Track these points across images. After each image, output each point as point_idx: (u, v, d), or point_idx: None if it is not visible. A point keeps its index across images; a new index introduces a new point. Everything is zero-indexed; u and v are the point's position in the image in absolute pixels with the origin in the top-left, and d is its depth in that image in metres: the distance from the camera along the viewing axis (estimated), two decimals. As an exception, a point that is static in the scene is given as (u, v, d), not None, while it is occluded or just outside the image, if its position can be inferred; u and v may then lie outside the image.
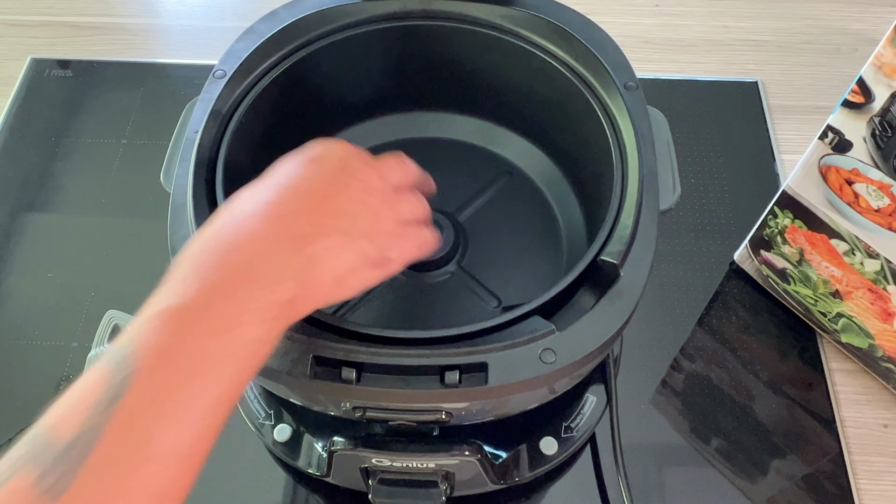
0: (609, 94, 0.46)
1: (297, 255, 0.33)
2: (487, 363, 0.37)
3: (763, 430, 0.58)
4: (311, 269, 0.33)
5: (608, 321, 0.39)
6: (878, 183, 0.48)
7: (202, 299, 0.31)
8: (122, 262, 0.65)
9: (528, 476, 0.50)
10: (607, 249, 0.41)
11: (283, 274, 0.32)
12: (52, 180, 0.70)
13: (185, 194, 0.43)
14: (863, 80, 0.45)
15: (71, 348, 0.60)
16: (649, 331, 0.62)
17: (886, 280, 0.52)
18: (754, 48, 0.79)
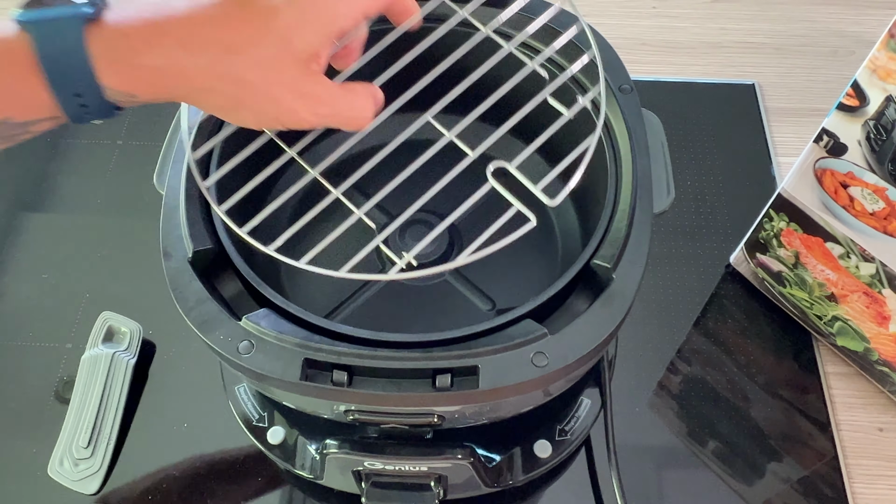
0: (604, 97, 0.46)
1: None
2: (479, 366, 0.37)
3: (758, 433, 0.58)
4: None
5: (600, 325, 0.39)
6: (872, 186, 0.48)
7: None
8: (117, 263, 0.65)
9: (521, 479, 0.50)
10: (600, 253, 0.41)
11: None
12: (47, 181, 0.70)
13: (178, 196, 0.43)
14: (857, 83, 0.45)
15: (65, 349, 0.60)
16: (645, 333, 0.62)
17: (881, 283, 0.52)
18: (751, 50, 0.78)
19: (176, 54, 0.32)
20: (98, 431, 0.54)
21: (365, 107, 0.37)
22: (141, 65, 0.32)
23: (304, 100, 0.35)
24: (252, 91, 0.33)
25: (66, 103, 0.33)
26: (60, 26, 0.31)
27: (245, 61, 0.33)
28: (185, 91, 0.34)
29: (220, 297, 0.40)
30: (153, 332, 0.60)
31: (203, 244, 0.41)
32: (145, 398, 0.58)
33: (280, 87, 0.34)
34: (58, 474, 0.53)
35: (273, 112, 0.35)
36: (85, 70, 0.32)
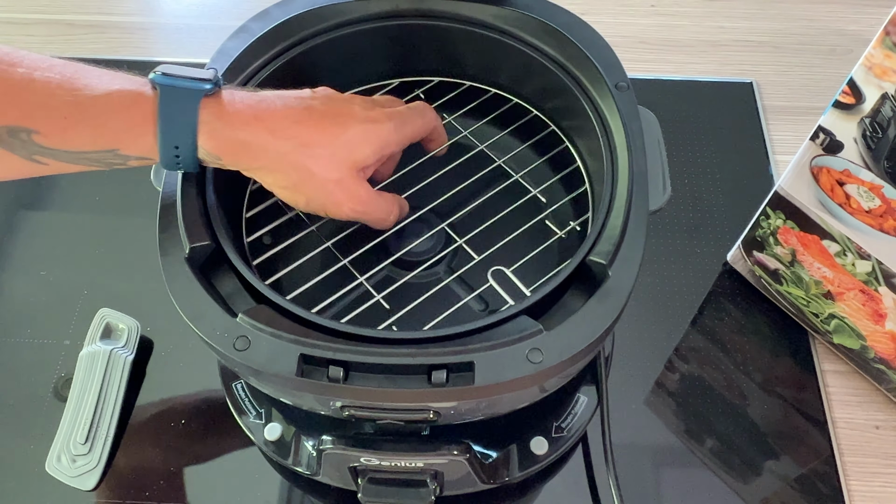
0: (600, 94, 0.46)
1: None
2: (474, 363, 0.37)
3: (755, 430, 0.58)
4: None
5: (596, 321, 0.39)
6: (868, 184, 0.48)
7: None
8: (115, 260, 0.65)
9: (518, 476, 0.50)
10: (596, 250, 0.41)
11: None
12: (45, 178, 0.69)
13: (175, 193, 0.43)
14: (853, 80, 0.45)
15: (63, 346, 0.60)
16: (642, 331, 0.62)
17: (878, 281, 0.52)
18: (749, 49, 0.78)
19: (264, 137, 0.40)
20: (96, 428, 0.54)
21: (392, 211, 0.46)
22: (234, 138, 0.40)
23: (350, 197, 0.43)
24: (312, 180, 0.42)
25: (165, 151, 0.39)
26: (184, 94, 0.39)
27: (314, 155, 0.41)
28: (260, 165, 0.41)
29: (216, 293, 0.40)
30: (151, 329, 0.61)
31: (200, 241, 0.41)
32: (143, 395, 0.58)
33: (334, 183, 0.42)
34: (55, 470, 0.53)
35: (322, 200, 0.43)
36: (190, 131, 0.39)
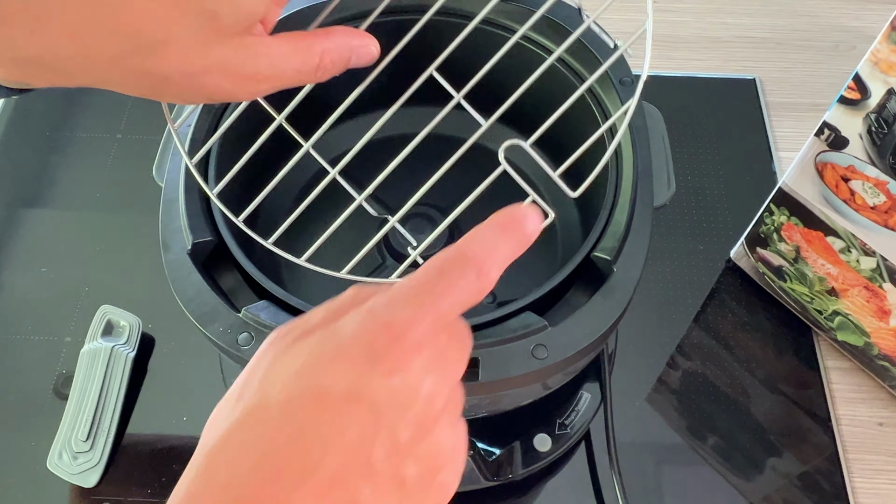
0: (604, 90, 0.46)
1: None
2: (479, 359, 0.37)
3: (758, 428, 0.58)
4: None
5: (601, 317, 0.39)
6: (874, 180, 0.48)
7: None
8: (116, 257, 0.65)
9: (521, 473, 0.50)
10: (601, 245, 0.41)
11: None
12: (46, 174, 0.70)
13: (177, 188, 0.42)
14: (859, 76, 0.45)
15: (64, 343, 0.60)
16: (645, 328, 0.62)
17: (882, 278, 0.51)
18: (752, 45, 0.78)
19: (63, 46, 0.26)
20: (97, 425, 0.54)
21: (310, 52, 0.31)
22: (23, 59, 0.27)
23: (240, 80, 0.29)
24: (171, 85, 0.28)
25: None
26: None
27: (161, 55, 0.27)
28: (83, 83, 0.29)
29: (219, 289, 0.40)
30: (152, 325, 0.60)
31: (202, 236, 0.41)
32: (144, 391, 0.58)
33: (207, 75, 0.28)
34: (57, 467, 0.53)
35: (202, 95, 0.30)
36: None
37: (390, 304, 0.26)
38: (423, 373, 0.25)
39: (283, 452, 0.24)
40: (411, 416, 0.25)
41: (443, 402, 0.26)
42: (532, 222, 0.29)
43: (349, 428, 0.24)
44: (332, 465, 0.24)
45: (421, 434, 0.25)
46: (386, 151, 0.40)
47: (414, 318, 0.25)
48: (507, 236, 0.28)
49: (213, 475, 0.24)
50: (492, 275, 0.27)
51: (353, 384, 0.24)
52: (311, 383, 0.24)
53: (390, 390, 0.25)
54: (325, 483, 0.23)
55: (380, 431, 0.24)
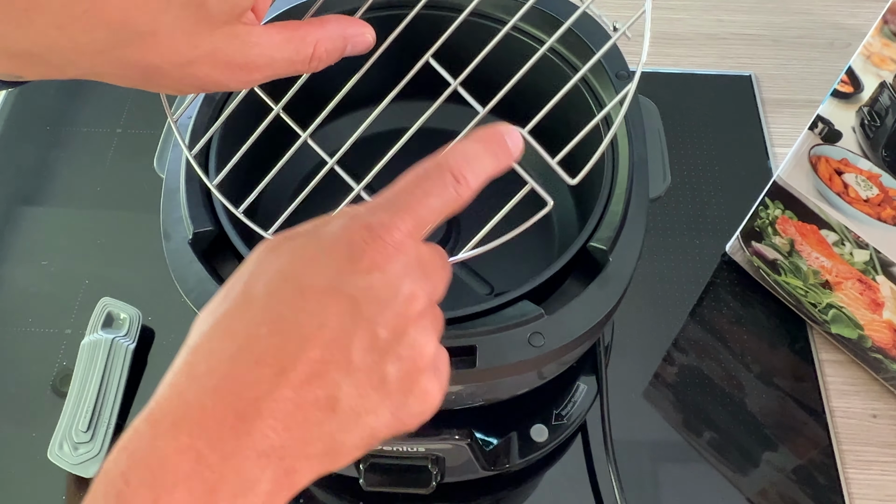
0: (600, 83, 0.47)
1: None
2: (476, 346, 0.37)
3: (753, 421, 0.58)
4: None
5: (597, 306, 0.39)
6: (867, 173, 0.48)
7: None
8: (117, 250, 0.65)
9: (518, 463, 0.50)
10: (597, 236, 0.41)
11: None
12: (47, 169, 0.70)
13: (178, 178, 0.43)
14: (852, 69, 0.46)
15: (65, 335, 0.61)
16: (641, 322, 0.62)
17: (875, 270, 0.52)
18: (748, 42, 0.79)
19: (51, 38, 0.26)
20: (98, 416, 0.55)
21: (304, 41, 0.31)
22: (12, 52, 0.26)
23: (231, 70, 0.29)
24: (162, 76, 0.28)
25: None
26: None
27: (149, 45, 0.27)
28: (74, 75, 0.28)
29: (219, 278, 0.41)
30: (152, 318, 0.61)
31: (203, 226, 0.41)
32: (144, 383, 0.58)
33: (197, 65, 0.28)
34: (57, 458, 0.53)
35: (194, 85, 0.29)
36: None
37: (371, 209, 0.27)
38: (403, 274, 0.26)
39: (262, 343, 0.24)
40: (390, 313, 0.25)
41: (421, 307, 0.27)
42: (512, 138, 0.30)
43: (329, 321, 0.25)
44: (310, 357, 0.24)
45: (400, 332, 0.26)
46: (385, 145, 0.40)
47: (393, 221, 0.26)
48: (486, 148, 0.29)
49: (194, 367, 0.25)
50: (470, 182, 0.28)
51: (333, 280, 0.25)
52: (293, 280, 0.25)
53: (369, 286, 0.25)
54: (304, 375, 0.24)
55: (358, 325, 0.25)
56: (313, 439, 0.24)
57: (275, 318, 0.25)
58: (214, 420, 0.23)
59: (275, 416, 0.24)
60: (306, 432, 0.24)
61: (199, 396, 0.24)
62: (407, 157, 0.42)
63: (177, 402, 0.24)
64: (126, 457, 0.23)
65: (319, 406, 0.24)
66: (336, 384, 0.24)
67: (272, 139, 0.43)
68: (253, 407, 0.24)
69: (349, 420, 0.25)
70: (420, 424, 0.27)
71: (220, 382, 0.24)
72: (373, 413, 0.25)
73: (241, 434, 0.23)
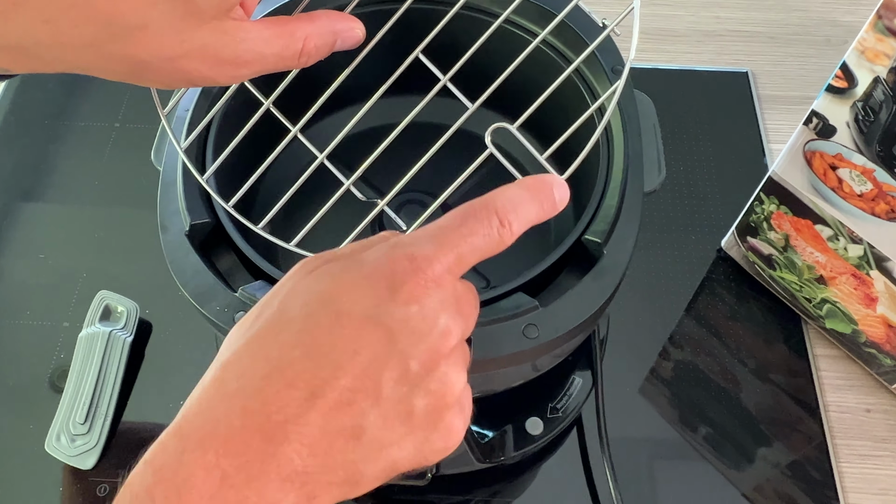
0: (596, 77, 0.47)
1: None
2: (471, 337, 0.37)
3: (748, 416, 0.58)
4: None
5: (591, 298, 0.39)
6: (861, 168, 0.49)
7: None
8: (115, 243, 0.65)
9: (513, 455, 0.51)
10: (592, 229, 0.42)
11: None
12: (45, 163, 0.70)
13: (175, 171, 0.43)
14: (846, 64, 0.46)
15: (62, 328, 0.61)
16: (637, 317, 0.63)
17: (869, 265, 0.52)
18: (745, 39, 0.79)
19: (39, 32, 0.26)
20: (95, 408, 0.55)
21: (293, 35, 0.31)
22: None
23: (220, 65, 0.29)
24: (150, 70, 0.28)
25: None
26: None
27: (137, 40, 0.27)
28: (62, 69, 0.28)
29: (216, 269, 0.41)
30: (150, 311, 0.61)
31: (200, 218, 0.41)
32: (142, 376, 0.58)
33: (185, 60, 0.28)
34: (55, 450, 0.53)
35: (183, 80, 0.30)
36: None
37: (414, 240, 0.27)
38: (440, 308, 0.26)
39: (295, 366, 0.24)
40: (424, 346, 0.25)
41: (454, 342, 0.27)
42: (559, 190, 0.31)
43: (363, 349, 0.25)
44: (342, 385, 0.24)
45: (431, 366, 0.26)
46: (377, 140, 0.41)
47: (435, 255, 0.26)
48: (532, 196, 0.30)
49: (225, 384, 0.25)
50: (514, 228, 0.28)
51: (372, 309, 0.25)
52: (331, 305, 0.25)
53: (406, 318, 0.25)
54: (333, 402, 0.24)
55: (392, 356, 0.25)
56: (336, 467, 0.24)
57: (309, 342, 0.25)
58: (242, 440, 0.23)
59: (301, 440, 0.24)
60: (330, 459, 0.24)
61: (227, 415, 0.24)
62: (400, 151, 0.43)
63: (205, 419, 0.24)
64: (152, 472, 0.24)
65: (345, 434, 0.24)
66: (363, 414, 0.24)
67: (267, 135, 0.43)
68: (281, 430, 0.24)
69: (373, 450, 0.25)
70: (441, 459, 0.27)
71: (250, 402, 0.24)
72: (396, 445, 0.25)
73: (267, 457, 0.23)
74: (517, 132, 0.35)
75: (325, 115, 0.55)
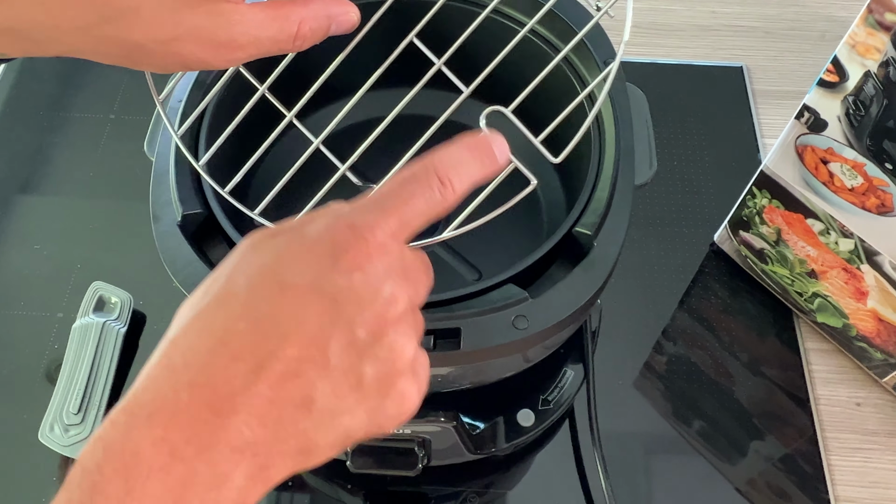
0: (588, 70, 0.47)
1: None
2: (461, 328, 0.38)
3: (740, 410, 0.59)
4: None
5: (581, 290, 0.40)
6: (851, 162, 0.49)
7: None
8: (109, 234, 0.65)
9: (504, 447, 0.51)
10: (582, 221, 0.42)
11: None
12: (40, 154, 0.70)
13: (168, 161, 0.43)
14: (837, 59, 0.46)
15: (56, 319, 0.61)
16: (630, 311, 0.63)
17: (860, 259, 0.52)
18: (741, 34, 0.79)
19: (33, 15, 0.27)
20: (88, 398, 0.55)
21: (287, 18, 0.31)
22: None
23: (215, 48, 0.29)
24: (145, 53, 0.29)
25: None
26: None
27: (131, 22, 0.27)
28: (57, 53, 0.29)
29: (208, 260, 0.41)
30: (143, 302, 0.61)
31: (192, 208, 0.42)
32: (135, 367, 0.59)
33: (180, 43, 0.28)
34: (48, 440, 0.54)
35: (178, 63, 0.30)
36: None
37: (356, 208, 0.27)
38: (384, 275, 0.26)
39: (240, 338, 0.24)
40: (369, 314, 0.25)
41: (402, 309, 0.26)
42: (498, 146, 0.30)
43: (308, 319, 0.25)
44: (288, 355, 0.24)
45: (379, 333, 0.26)
46: (371, 132, 0.41)
47: (377, 221, 0.26)
48: (473, 154, 0.29)
49: (172, 360, 0.25)
50: (455, 187, 0.28)
51: (315, 279, 0.25)
52: (275, 277, 0.25)
53: (350, 286, 0.25)
54: (280, 372, 0.24)
55: (337, 324, 0.25)
56: (288, 437, 0.24)
57: (254, 314, 0.25)
58: (189, 414, 0.24)
59: (250, 412, 0.24)
60: (281, 429, 0.24)
61: (175, 390, 0.24)
62: (394, 141, 0.43)
63: (153, 395, 0.24)
64: (102, 447, 0.24)
65: (295, 404, 0.24)
66: (312, 383, 0.25)
67: (262, 122, 0.43)
68: (228, 402, 0.24)
69: (324, 419, 0.25)
70: (396, 427, 0.27)
71: (197, 377, 0.24)
72: (348, 413, 0.25)
73: (216, 429, 0.24)
74: (511, 115, 0.35)
75: (320, 107, 0.55)
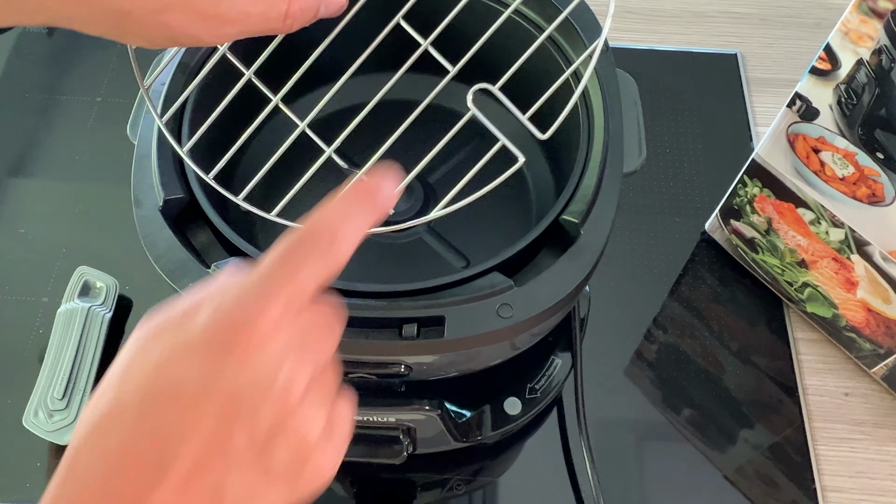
0: (575, 50, 0.46)
1: None
2: (445, 316, 0.37)
3: (730, 398, 0.59)
4: None
5: (567, 278, 0.39)
6: (843, 151, 0.48)
7: None
8: (95, 219, 0.65)
9: (491, 435, 0.51)
10: (569, 209, 0.41)
11: None
12: (26, 137, 0.69)
13: (150, 145, 0.43)
14: (830, 46, 0.46)
15: (41, 303, 0.60)
16: (621, 299, 0.63)
17: (850, 249, 0.52)
18: (736, 20, 0.78)
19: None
20: (73, 383, 0.55)
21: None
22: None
23: (205, 21, 0.30)
24: (134, 22, 0.29)
25: None
26: None
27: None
28: (46, 21, 0.29)
29: (190, 246, 0.40)
30: (129, 288, 0.61)
31: (174, 193, 0.41)
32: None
33: (170, 13, 0.28)
34: (32, 425, 0.53)
35: (166, 36, 0.30)
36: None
37: (239, 295, 0.25)
38: (280, 357, 0.25)
39: (138, 451, 0.24)
40: (269, 406, 0.24)
41: (304, 385, 0.25)
42: (384, 189, 0.28)
43: (204, 418, 0.24)
44: (188, 455, 0.24)
45: (281, 423, 0.25)
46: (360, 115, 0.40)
47: (262, 305, 0.25)
48: (358, 205, 0.28)
49: (75, 479, 0.24)
50: (344, 244, 0.27)
51: (206, 378, 0.24)
52: (165, 381, 0.24)
53: (245, 380, 0.24)
54: (184, 475, 0.23)
55: (237, 419, 0.24)
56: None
57: (148, 423, 0.24)
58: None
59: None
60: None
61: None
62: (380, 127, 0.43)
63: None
64: None
65: (206, 498, 0.24)
66: (219, 478, 0.24)
67: (246, 109, 0.42)
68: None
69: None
70: (320, 491, 0.27)
71: (98, 499, 0.23)
72: (265, 498, 0.25)
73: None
74: (499, 93, 0.35)
75: (307, 92, 0.54)
